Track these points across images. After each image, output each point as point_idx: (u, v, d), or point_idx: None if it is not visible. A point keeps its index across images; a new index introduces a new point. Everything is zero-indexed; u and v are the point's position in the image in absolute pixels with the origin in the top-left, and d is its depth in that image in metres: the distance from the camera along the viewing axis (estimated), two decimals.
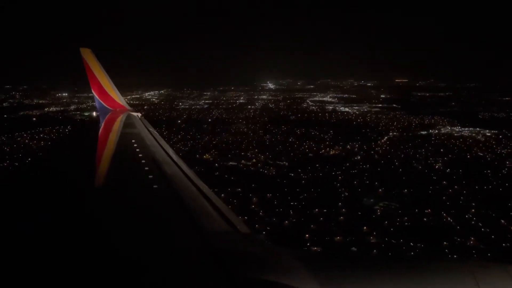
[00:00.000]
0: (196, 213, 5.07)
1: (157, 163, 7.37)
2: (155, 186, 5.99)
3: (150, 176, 6.43)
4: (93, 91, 15.66)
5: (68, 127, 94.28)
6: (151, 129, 12.29)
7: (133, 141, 9.33)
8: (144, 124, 13.00)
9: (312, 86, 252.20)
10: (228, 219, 5.01)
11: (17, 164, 60.97)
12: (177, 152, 9.15)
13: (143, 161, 7.45)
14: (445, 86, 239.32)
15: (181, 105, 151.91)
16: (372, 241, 42.19)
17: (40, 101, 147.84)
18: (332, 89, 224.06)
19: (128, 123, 12.47)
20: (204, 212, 5.24)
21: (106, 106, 15.65)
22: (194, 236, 4.36)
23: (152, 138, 10.44)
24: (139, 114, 15.10)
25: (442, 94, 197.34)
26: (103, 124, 13.37)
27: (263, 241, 4.96)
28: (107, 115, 14.60)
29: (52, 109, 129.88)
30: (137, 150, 8.43)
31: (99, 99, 15.67)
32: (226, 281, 3.35)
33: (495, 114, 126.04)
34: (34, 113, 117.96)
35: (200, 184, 6.56)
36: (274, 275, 3.52)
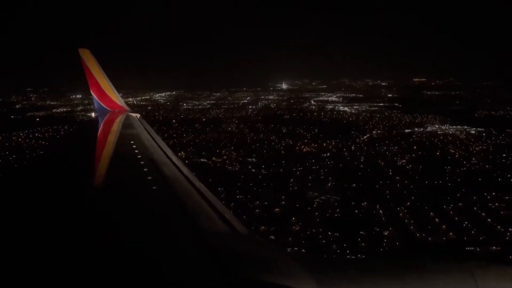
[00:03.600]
0: (195, 214, 5.17)
1: (156, 164, 7.47)
2: (154, 187, 6.10)
3: (149, 177, 6.54)
4: (91, 92, 15.61)
5: (65, 127, 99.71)
6: (150, 130, 12.47)
7: (132, 142, 9.43)
8: (143, 125, 13.16)
9: (325, 86, 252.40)
10: (227, 220, 5.14)
11: (11, 164, 65.29)
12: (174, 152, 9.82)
13: (142, 162, 7.55)
14: (460, 85, 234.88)
15: (185, 105, 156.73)
16: (295, 229, 44.60)
17: (52, 103, 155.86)
18: (343, 89, 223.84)
19: (127, 124, 12.56)
20: (203, 212, 5.34)
21: (105, 107, 15.60)
22: (192, 237, 4.43)
23: (151, 139, 10.56)
24: (138, 115, 15.09)
25: (453, 93, 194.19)
26: (102, 125, 13.39)
27: (262, 241, 5.21)
28: (106, 116, 14.66)
29: (60, 110, 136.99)
30: (136, 151, 8.54)
31: (98, 100, 15.60)
32: (224, 281, 3.40)
33: (493, 113, 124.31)
34: (41, 114, 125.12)
35: (199, 185, 6.73)
36: (272, 276, 3.61)
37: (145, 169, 6.95)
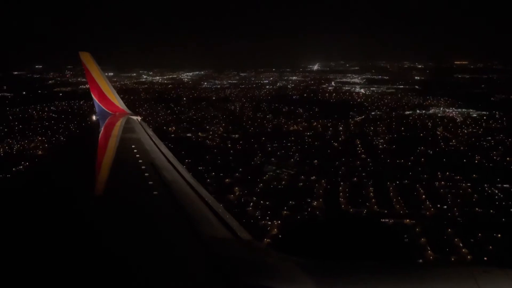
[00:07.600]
0: (197, 219, 5.26)
1: (157, 168, 7.52)
2: (155, 192, 6.13)
3: (150, 182, 6.60)
4: (92, 95, 15.63)
5: (81, 102, 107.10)
6: (151, 133, 12.69)
7: (133, 146, 9.47)
8: (143, 128, 13.36)
9: (357, 68, 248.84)
10: (229, 226, 5.21)
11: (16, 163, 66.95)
12: (173, 152, 10.32)
13: (143, 167, 7.58)
14: (499, 69, 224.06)
15: (205, 84, 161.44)
16: (231, 198, 47.80)
17: (83, 79, 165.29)
18: (373, 71, 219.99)
19: (128, 128, 12.72)
20: (205, 218, 5.42)
21: (106, 110, 15.68)
22: (194, 243, 4.51)
23: (151, 143, 10.70)
24: (139, 118, 15.27)
25: (485, 76, 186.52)
26: (103, 129, 13.55)
27: (264, 247, 5.52)
28: (107, 119, 14.86)
29: (86, 86, 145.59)
30: (137, 155, 8.57)
31: (99, 103, 15.65)
32: (226, 287, 3.49)
33: (511, 97, 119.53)
34: (67, 89, 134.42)
35: (200, 190, 6.81)
36: (274, 281, 3.72)
37: (146, 174, 7.05)
